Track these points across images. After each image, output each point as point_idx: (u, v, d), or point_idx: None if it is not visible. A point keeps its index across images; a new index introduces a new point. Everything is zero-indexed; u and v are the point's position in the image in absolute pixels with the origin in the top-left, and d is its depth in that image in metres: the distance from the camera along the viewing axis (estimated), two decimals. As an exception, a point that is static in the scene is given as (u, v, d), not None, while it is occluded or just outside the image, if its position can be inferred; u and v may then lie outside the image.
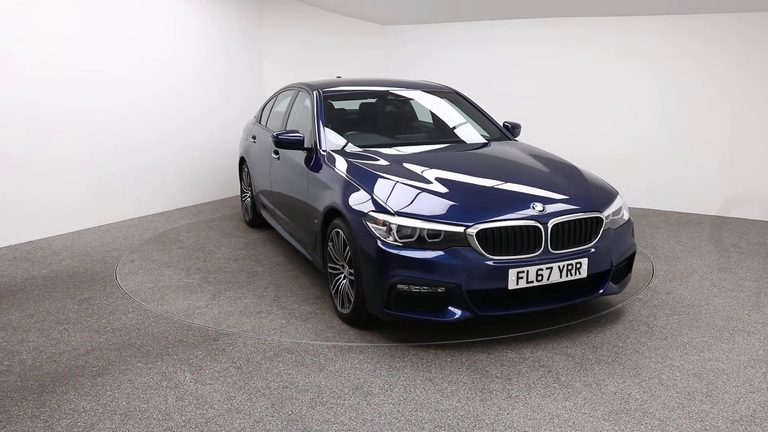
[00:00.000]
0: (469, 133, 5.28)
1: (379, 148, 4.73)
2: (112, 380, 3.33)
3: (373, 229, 3.66)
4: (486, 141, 5.09)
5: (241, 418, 2.98)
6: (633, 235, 4.18)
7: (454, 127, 5.44)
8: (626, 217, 4.15)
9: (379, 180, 4.01)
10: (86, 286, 4.79)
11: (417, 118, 5.70)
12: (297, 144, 4.79)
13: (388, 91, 5.68)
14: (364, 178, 4.07)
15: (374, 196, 3.83)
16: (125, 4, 6.59)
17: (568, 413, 3.01)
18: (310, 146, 4.83)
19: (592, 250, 3.76)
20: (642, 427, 2.90)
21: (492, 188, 3.98)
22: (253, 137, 6.37)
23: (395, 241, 3.57)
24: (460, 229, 3.54)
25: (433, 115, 5.67)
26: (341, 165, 4.35)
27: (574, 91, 7.88)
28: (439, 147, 4.89)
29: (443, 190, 3.86)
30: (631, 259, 4.19)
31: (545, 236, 3.63)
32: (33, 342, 3.81)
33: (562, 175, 4.23)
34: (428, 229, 3.55)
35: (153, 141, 7.06)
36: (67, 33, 6.07)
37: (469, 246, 3.53)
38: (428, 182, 3.97)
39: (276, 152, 5.45)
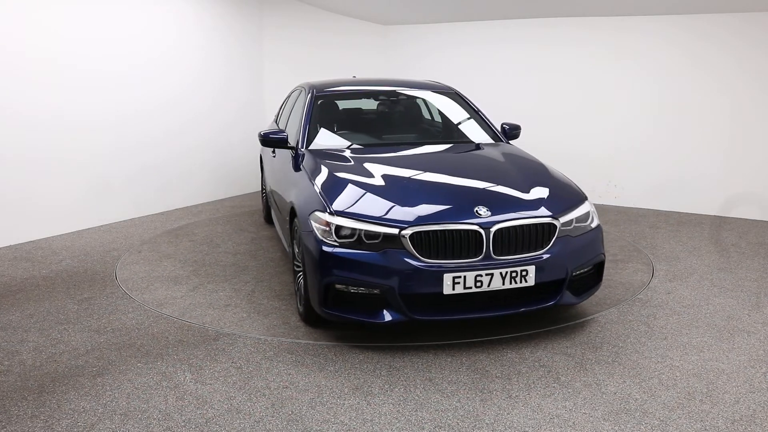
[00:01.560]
0: (459, 135, 5.25)
1: (358, 148, 4.76)
2: (112, 380, 3.33)
3: (315, 228, 3.67)
4: (474, 143, 5.01)
5: (241, 418, 2.98)
6: (602, 243, 3.99)
7: (446, 129, 5.41)
8: (595, 223, 3.95)
9: (331, 180, 4.02)
10: (86, 286, 4.79)
11: (410, 119, 5.66)
12: (280, 143, 4.84)
13: (385, 91, 5.67)
14: (320, 178, 4.09)
15: (321, 196, 3.83)
16: (125, 4, 6.58)
17: (568, 413, 3.01)
18: (294, 145, 4.88)
19: (544, 257, 3.60)
20: (642, 427, 2.90)
21: (442, 191, 3.91)
22: None
23: (334, 240, 3.56)
24: (395, 231, 3.48)
25: (428, 117, 5.65)
26: (310, 164, 4.39)
27: (574, 91, 7.89)
28: (421, 149, 4.83)
29: (391, 191, 3.81)
30: (599, 268, 4.01)
31: (486, 241, 3.50)
32: (33, 342, 3.81)
33: (527, 180, 4.06)
34: (365, 230, 3.51)
35: (153, 141, 7.06)
36: (67, 33, 6.07)
37: (404, 248, 3.48)
38: (380, 183, 3.94)
39: (273, 151, 5.49)
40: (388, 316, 3.54)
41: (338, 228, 3.57)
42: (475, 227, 3.51)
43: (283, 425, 2.92)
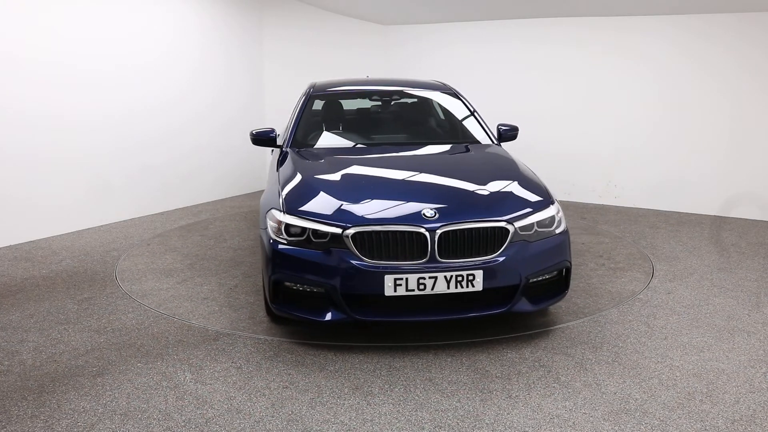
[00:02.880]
0: (450, 136, 5.21)
1: (339, 148, 4.83)
2: (112, 380, 3.33)
3: (269, 225, 3.73)
4: (462, 145, 4.93)
5: (241, 418, 2.98)
6: (568, 249, 3.82)
7: (438, 130, 5.37)
8: (560, 229, 3.80)
9: (293, 179, 4.06)
10: (86, 286, 4.79)
11: (403, 120, 5.65)
12: (268, 141, 4.91)
13: (380, 91, 5.68)
14: (286, 176, 4.15)
15: (280, 194, 3.89)
16: (125, 4, 6.58)
17: (568, 413, 3.01)
18: (281, 143, 4.96)
19: (494, 262, 3.50)
20: (642, 427, 2.90)
21: (397, 192, 3.89)
22: None
23: (284, 238, 3.60)
24: (339, 231, 3.49)
25: (422, 118, 5.62)
26: (285, 162, 4.46)
27: (574, 91, 7.89)
28: (405, 150, 4.83)
29: (347, 192, 3.81)
30: (564, 275, 3.86)
31: (431, 244, 3.45)
32: (33, 342, 3.81)
33: (494, 183, 3.95)
34: (313, 230, 3.53)
35: (153, 141, 7.06)
36: (67, 33, 6.07)
37: (347, 248, 3.47)
38: (339, 183, 3.96)
39: (272, 150, 5.54)
40: (329, 315, 3.55)
41: (288, 226, 3.61)
42: (420, 229, 3.46)
43: (283, 425, 2.92)
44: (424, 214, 3.52)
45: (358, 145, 4.98)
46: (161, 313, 4.25)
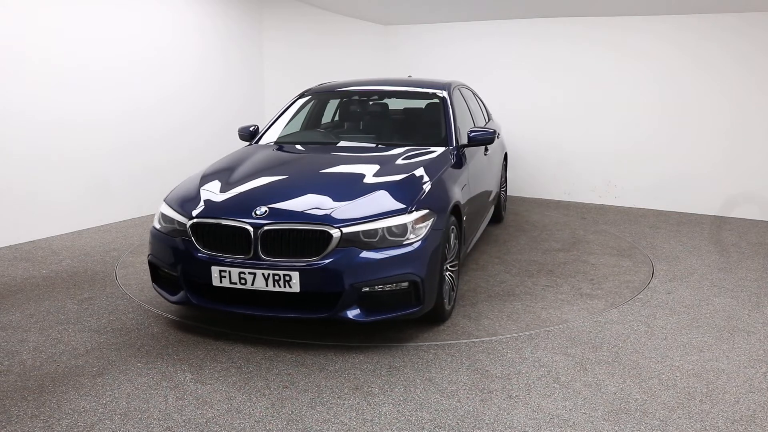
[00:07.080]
0: (408, 140, 5.02)
1: (286, 145, 5.03)
2: (112, 380, 3.33)
3: (157, 213, 4.04)
4: (412, 148, 4.69)
5: (241, 418, 2.98)
6: (417, 262, 3.56)
7: (398, 134, 5.32)
8: (414, 240, 3.57)
9: (197, 173, 4.37)
10: (86, 286, 4.79)
11: (373, 122, 5.60)
12: (249, 137, 5.24)
13: (365, 91, 5.74)
14: (203, 169, 4.46)
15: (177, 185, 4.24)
16: (125, 3, 6.58)
17: (568, 413, 3.01)
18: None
19: (314, 265, 3.45)
20: (642, 427, 2.90)
21: (263, 190, 3.94)
22: None
23: (159, 224, 3.96)
24: (186, 221, 3.75)
25: (391, 120, 5.63)
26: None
27: (574, 90, 7.89)
28: (345, 151, 4.87)
29: (218, 186, 4.03)
30: (413, 288, 3.59)
31: (254, 241, 3.53)
32: (33, 342, 3.81)
33: (365, 186, 3.88)
34: (177, 221, 3.81)
35: (153, 140, 7.06)
36: (67, 32, 6.07)
37: (190, 238, 3.71)
38: (227, 178, 4.13)
39: None
40: (176, 297, 3.85)
41: (162, 214, 3.96)
42: (245, 225, 3.58)
43: (283, 425, 2.92)
44: (255, 212, 3.63)
45: (313, 145, 5.11)
46: (161, 313, 4.25)
